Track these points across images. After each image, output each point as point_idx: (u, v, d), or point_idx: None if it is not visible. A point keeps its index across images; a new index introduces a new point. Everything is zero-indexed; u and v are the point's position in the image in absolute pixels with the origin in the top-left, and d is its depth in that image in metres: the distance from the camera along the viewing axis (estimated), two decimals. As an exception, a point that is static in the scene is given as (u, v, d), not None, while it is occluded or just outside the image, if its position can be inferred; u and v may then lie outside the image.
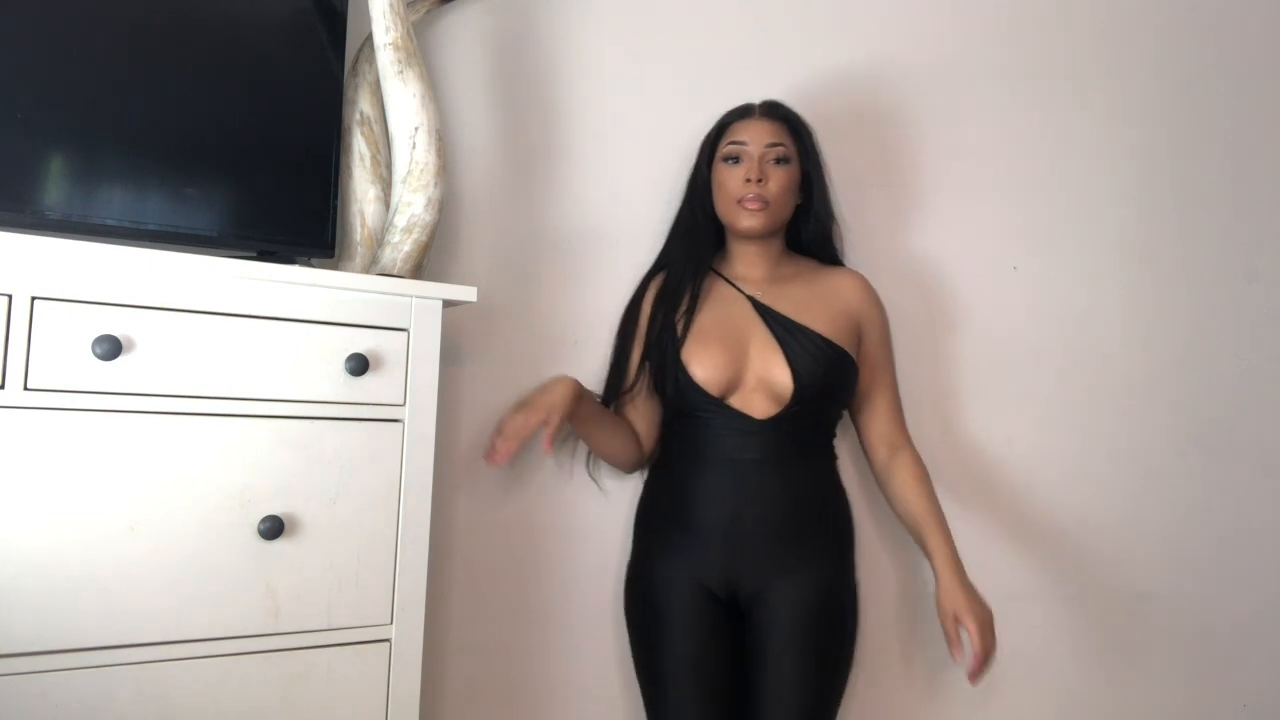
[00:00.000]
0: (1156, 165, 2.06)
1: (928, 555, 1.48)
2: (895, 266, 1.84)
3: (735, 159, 1.49)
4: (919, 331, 1.85)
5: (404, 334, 1.22)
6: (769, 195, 1.46)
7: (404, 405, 1.22)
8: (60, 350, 1.02)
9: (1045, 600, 1.90)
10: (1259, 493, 2.07)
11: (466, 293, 1.27)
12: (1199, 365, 2.05)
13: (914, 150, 1.88)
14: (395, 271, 1.31)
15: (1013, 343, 1.92)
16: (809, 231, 1.57)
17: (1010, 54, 1.97)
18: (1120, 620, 1.95)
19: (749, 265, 1.55)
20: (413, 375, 1.22)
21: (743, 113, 1.53)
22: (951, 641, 1.40)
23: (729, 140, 1.51)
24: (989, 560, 1.86)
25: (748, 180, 1.46)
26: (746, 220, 1.47)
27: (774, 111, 1.52)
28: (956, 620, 1.40)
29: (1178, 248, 2.06)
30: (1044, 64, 1.99)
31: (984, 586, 1.42)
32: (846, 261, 1.64)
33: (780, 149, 1.48)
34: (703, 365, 1.43)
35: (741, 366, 1.45)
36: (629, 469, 1.58)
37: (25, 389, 1.01)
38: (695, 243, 1.55)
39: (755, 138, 1.48)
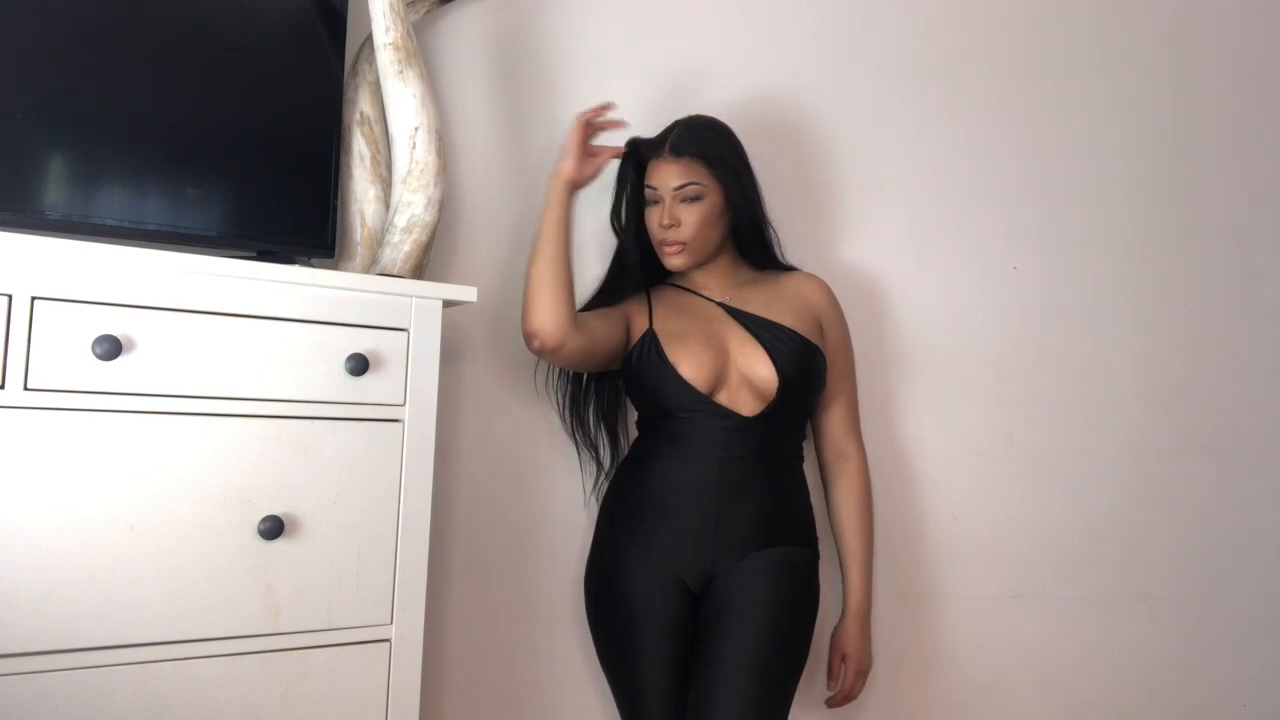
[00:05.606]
0: (1156, 164, 2.06)
1: (844, 586, 1.60)
2: (894, 267, 1.84)
3: (653, 201, 1.51)
4: (918, 331, 1.85)
5: (404, 334, 1.22)
6: (684, 237, 1.48)
7: (404, 405, 1.22)
8: (60, 350, 1.02)
9: (1045, 600, 1.90)
10: (1259, 492, 2.07)
11: (466, 293, 1.27)
12: (1199, 365, 2.05)
13: (909, 149, 1.89)
14: (395, 271, 1.31)
15: (1013, 342, 1.92)
16: (747, 246, 1.58)
17: (1010, 52, 1.97)
18: (1120, 620, 1.96)
19: (707, 277, 1.58)
20: (413, 375, 1.22)
21: (654, 150, 1.51)
22: (832, 673, 1.59)
23: (646, 183, 1.52)
24: (989, 560, 1.87)
25: (661, 225, 1.49)
26: (670, 262, 1.52)
27: (680, 149, 1.48)
28: (843, 659, 1.57)
29: (1178, 248, 2.06)
30: (1044, 62, 1.99)
31: (984, 586, 1.42)
32: (846, 266, 1.64)
33: (690, 188, 1.47)
34: (689, 364, 1.45)
35: (725, 363, 1.47)
36: (543, 319, 1.39)
37: (25, 389, 1.01)
38: (636, 263, 1.57)
39: (663, 182, 1.49)
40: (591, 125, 1.46)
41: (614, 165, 1.57)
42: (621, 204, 1.58)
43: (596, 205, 1.64)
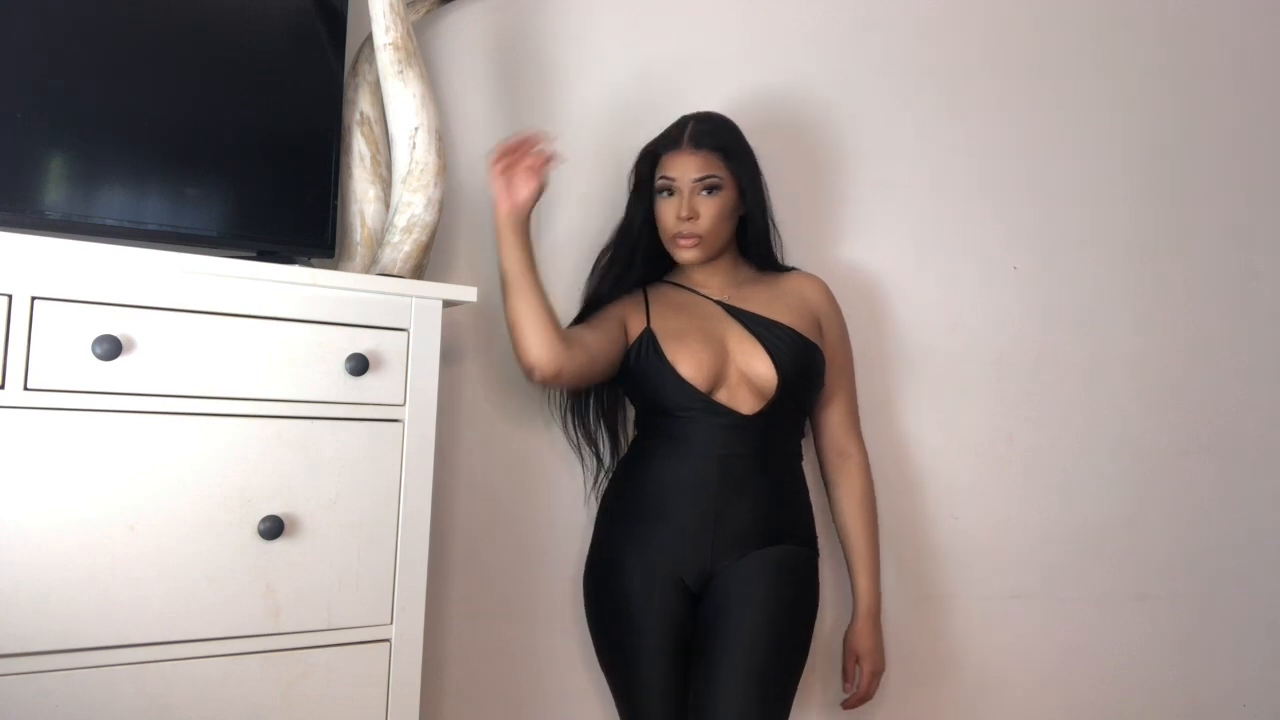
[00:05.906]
0: (1156, 164, 2.06)
1: (853, 587, 1.60)
2: (894, 267, 1.84)
3: (668, 192, 1.50)
4: (918, 331, 1.85)
5: (404, 334, 1.22)
6: (700, 230, 1.48)
7: (404, 405, 1.22)
8: (60, 350, 1.02)
9: (1045, 600, 1.90)
10: (1259, 492, 2.07)
11: (466, 293, 1.27)
12: (1199, 365, 2.05)
13: (908, 149, 1.88)
14: (395, 271, 1.31)
15: (1013, 342, 1.92)
16: (751, 243, 1.57)
17: (1010, 52, 1.97)
18: (1120, 620, 1.96)
19: (707, 275, 1.57)
20: (413, 375, 1.22)
21: (672, 143, 1.51)
22: (847, 675, 1.58)
23: (660, 174, 1.51)
24: (989, 560, 1.87)
25: (679, 217, 1.48)
26: (682, 255, 1.51)
27: (700, 141, 1.48)
28: (857, 660, 1.56)
29: (1178, 248, 2.06)
30: (1044, 62, 1.99)
31: (985, 586, 1.42)
32: (846, 266, 1.64)
33: (709, 179, 1.47)
34: (687, 363, 1.44)
35: (724, 362, 1.47)
36: (535, 353, 1.35)
37: (25, 389, 1.01)
38: (638, 259, 1.56)
39: (682, 173, 1.48)
40: (513, 152, 1.32)
41: (580, 172, 1.57)
42: (637, 208, 1.56)
43: (582, 205, 1.64)
